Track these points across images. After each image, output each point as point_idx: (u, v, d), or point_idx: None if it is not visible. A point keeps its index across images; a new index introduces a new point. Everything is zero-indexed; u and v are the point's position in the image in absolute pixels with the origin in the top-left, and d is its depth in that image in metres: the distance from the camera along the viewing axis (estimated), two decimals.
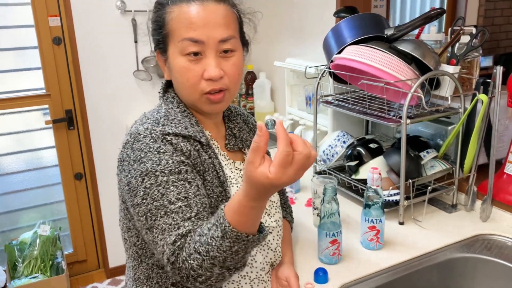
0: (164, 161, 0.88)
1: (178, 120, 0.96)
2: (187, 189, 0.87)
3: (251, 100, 2.57)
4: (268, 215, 1.05)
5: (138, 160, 0.88)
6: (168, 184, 0.87)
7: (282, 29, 2.35)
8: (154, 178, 0.87)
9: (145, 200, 0.87)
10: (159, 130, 0.91)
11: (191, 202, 0.87)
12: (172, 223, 0.84)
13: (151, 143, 0.89)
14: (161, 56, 0.99)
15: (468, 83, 1.45)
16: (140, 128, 0.92)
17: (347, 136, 1.57)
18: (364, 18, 1.46)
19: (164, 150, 0.89)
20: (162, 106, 1.00)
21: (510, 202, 1.32)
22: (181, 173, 0.88)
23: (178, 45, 0.92)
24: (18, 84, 2.54)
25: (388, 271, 1.15)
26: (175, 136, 0.92)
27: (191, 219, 0.85)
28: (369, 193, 1.20)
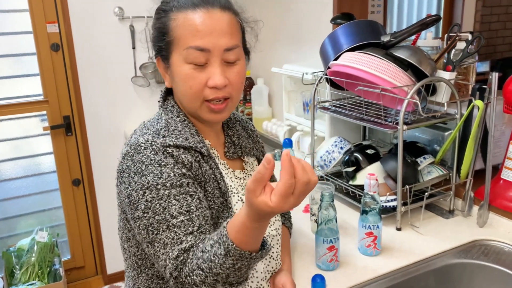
0: (166, 174, 0.87)
1: (179, 131, 0.95)
2: (189, 203, 0.87)
3: (249, 106, 2.57)
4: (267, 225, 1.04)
5: (139, 172, 0.88)
6: (169, 198, 0.86)
7: (279, 35, 2.36)
8: (155, 191, 0.86)
9: (147, 214, 0.86)
10: (160, 142, 0.90)
11: (193, 216, 0.87)
12: (174, 238, 0.84)
13: (152, 156, 0.89)
14: (162, 63, 0.98)
15: (465, 89, 1.46)
16: (141, 140, 0.91)
17: (344, 142, 1.57)
18: (360, 24, 1.47)
19: (166, 163, 0.88)
20: (162, 116, 0.99)
21: (507, 207, 1.33)
22: (183, 186, 0.88)
23: (183, 53, 0.91)
24: (16, 91, 2.54)
25: (385, 277, 1.15)
26: (176, 148, 0.91)
27: (194, 233, 0.85)
28: (366, 199, 1.20)
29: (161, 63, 0.99)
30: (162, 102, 1.02)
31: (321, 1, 1.97)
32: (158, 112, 1.02)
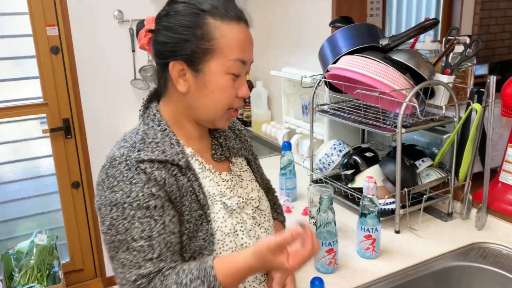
0: (134, 193, 0.87)
1: (156, 143, 0.93)
2: (152, 227, 0.87)
3: (248, 108, 2.58)
4: (258, 225, 1.04)
5: (110, 188, 0.88)
6: (133, 219, 0.87)
7: (278, 38, 2.36)
8: (121, 210, 0.87)
9: (110, 230, 0.88)
10: (134, 157, 0.89)
11: (154, 242, 0.87)
12: (132, 261, 0.86)
13: (125, 172, 0.88)
14: (184, 68, 0.93)
15: (463, 92, 1.47)
16: (117, 153, 0.91)
17: (343, 145, 1.58)
18: (359, 28, 1.48)
19: (136, 181, 0.88)
20: (140, 127, 0.97)
21: (505, 210, 1.33)
22: (149, 209, 0.88)
23: (227, 64, 0.92)
24: (15, 93, 2.54)
25: (384, 279, 1.16)
26: (150, 163, 0.90)
27: (153, 260, 0.87)
28: (365, 202, 1.20)
29: (177, 66, 0.93)
30: (143, 110, 1.01)
31: (320, 5, 1.98)
32: (139, 122, 1.01)
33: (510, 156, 1.33)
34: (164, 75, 0.98)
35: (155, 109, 1.00)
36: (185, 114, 1.00)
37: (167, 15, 0.94)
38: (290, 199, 1.58)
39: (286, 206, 1.54)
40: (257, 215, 1.05)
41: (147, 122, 0.98)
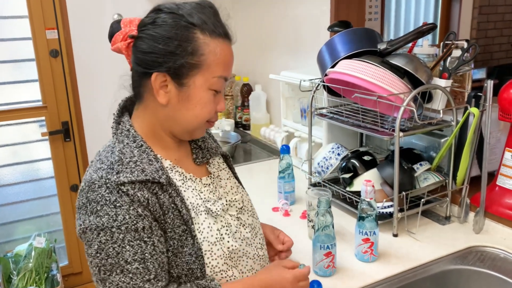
0: (121, 216, 0.86)
1: (134, 162, 0.91)
2: (143, 250, 0.87)
3: (247, 112, 2.58)
4: (242, 226, 1.04)
5: (94, 212, 0.87)
6: (124, 243, 0.86)
7: (277, 42, 2.37)
8: (110, 234, 0.86)
9: (99, 254, 0.87)
10: (114, 180, 0.88)
11: (148, 264, 0.88)
12: (130, 283, 0.86)
13: (106, 195, 0.87)
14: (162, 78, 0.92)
15: (460, 96, 1.47)
16: (94, 176, 0.89)
17: (341, 148, 1.58)
18: (357, 32, 1.48)
19: (121, 204, 0.87)
20: (115, 145, 0.95)
21: (502, 214, 1.34)
22: (138, 231, 0.87)
23: (211, 80, 0.93)
24: (15, 96, 2.54)
25: (382, 283, 1.16)
26: (131, 185, 0.88)
27: (151, 281, 0.87)
28: (363, 205, 1.21)
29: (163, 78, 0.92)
30: (116, 126, 0.99)
31: (318, 9, 1.99)
32: (112, 140, 0.98)
33: (507, 160, 1.34)
34: (142, 84, 0.95)
35: (127, 124, 0.98)
36: (161, 125, 0.98)
37: (154, 24, 0.92)
38: (288, 202, 1.59)
39: (285, 209, 1.55)
40: (241, 215, 1.05)
41: (122, 139, 0.96)
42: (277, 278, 0.97)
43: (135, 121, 1.00)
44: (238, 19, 2.75)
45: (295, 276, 0.97)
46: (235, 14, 2.76)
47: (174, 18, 0.91)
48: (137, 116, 1.00)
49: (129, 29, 0.94)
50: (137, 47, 0.93)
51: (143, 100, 0.98)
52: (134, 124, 0.99)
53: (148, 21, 0.93)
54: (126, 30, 0.94)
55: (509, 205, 1.33)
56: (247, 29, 2.65)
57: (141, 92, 0.97)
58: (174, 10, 0.92)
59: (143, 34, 0.92)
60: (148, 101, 0.97)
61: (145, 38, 0.92)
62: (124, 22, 0.96)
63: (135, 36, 0.94)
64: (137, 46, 0.93)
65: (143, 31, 0.93)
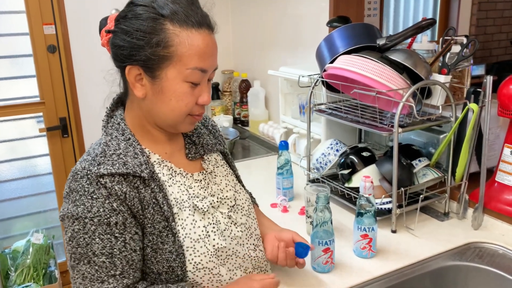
0: (95, 208, 0.88)
1: (118, 155, 0.92)
2: (112, 245, 0.88)
3: (245, 108, 2.58)
4: (233, 224, 1.03)
5: (73, 201, 0.89)
6: (94, 235, 0.88)
7: (276, 38, 2.36)
8: (82, 224, 0.88)
9: (71, 242, 0.89)
10: (94, 171, 0.89)
11: (116, 260, 0.88)
12: (95, 275, 0.88)
13: (86, 186, 0.89)
14: (136, 71, 0.92)
15: (460, 92, 1.47)
16: (78, 167, 0.92)
17: (340, 144, 1.58)
18: (356, 28, 1.48)
19: (97, 196, 0.88)
20: (102, 138, 0.97)
21: (501, 210, 1.33)
22: (110, 225, 0.88)
23: (185, 72, 0.91)
24: (12, 92, 2.53)
25: (380, 279, 1.16)
26: (110, 177, 0.89)
27: (116, 277, 0.88)
28: (362, 201, 1.20)
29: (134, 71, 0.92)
30: (107, 120, 1.00)
31: (318, 5, 1.98)
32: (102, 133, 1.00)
33: (506, 156, 1.34)
34: (123, 78, 0.98)
35: (119, 117, 0.99)
36: (146, 119, 0.98)
37: (125, 18, 0.92)
38: (287, 198, 1.58)
39: (283, 205, 1.54)
40: (233, 214, 1.04)
41: (110, 132, 0.97)
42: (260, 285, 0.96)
43: (126, 115, 1.00)
44: (237, 15, 2.74)
45: (263, 286, 0.96)
46: (234, 9, 2.75)
47: (144, 10, 0.90)
48: (127, 110, 1.01)
49: (111, 24, 0.95)
50: (112, 42, 0.94)
51: (129, 94, 0.99)
52: (126, 118, 1.00)
53: (122, 15, 0.93)
54: (109, 26, 0.95)
55: (508, 201, 1.33)
56: (246, 25, 2.64)
57: (124, 87, 1.00)
58: (146, 3, 0.91)
59: (117, 28, 0.93)
60: (132, 95, 0.97)
61: (118, 32, 0.92)
62: (110, 18, 0.97)
63: (111, 30, 0.94)
64: (112, 41, 0.94)
65: (117, 25, 0.93)
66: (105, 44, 0.97)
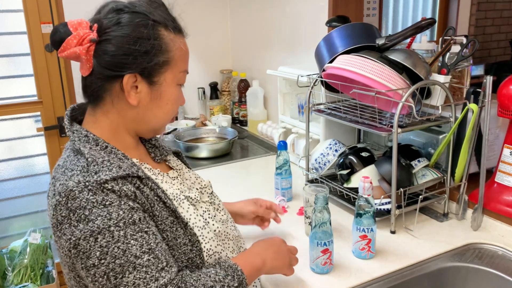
0: (115, 213, 0.82)
1: (108, 161, 0.88)
2: (148, 240, 0.84)
3: (244, 107, 2.57)
4: (217, 210, 1.07)
5: (83, 219, 0.81)
6: (127, 239, 0.82)
7: (275, 37, 2.36)
8: (109, 234, 0.81)
9: (104, 260, 0.81)
10: (94, 180, 0.83)
11: (158, 253, 0.85)
12: (146, 277, 0.82)
13: (92, 198, 0.82)
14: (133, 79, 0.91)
15: (459, 92, 1.46)
16: (70, 184, 0.83)
17: (339, 144, 1.57)
18: (355, 27, 1.47)
19: (110, 202, 0.83)
20: (80, 150, 0.90)
21: (500, 211, 1.33)
22: (136, 223, 0.84)
23: (178, 75, 0.96)
24: (10, 91, 2.52)
25: (379, 280, 1.15)
26: (114, 181, 0.85)
27: (165, 268, 0.84)
28: (361, 202, 1.20)
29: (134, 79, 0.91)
30: (72, 134, 0.94)
31: (317, 4, 1.97)
32: (71, 148, 0.93)
33: (506, 156, 1.33)
34: (106, 87, 0.92)
35: (83, 130, 0.94)
36: (125, 126, 0.97)
37: (119, 25, 0.89)
38: (285, 198, 1.58)
39: (282, 205, 1.53)
40: (213, 200, 1.08)
41: (83, 144, 0.91)
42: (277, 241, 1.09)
43: (90, 127, 0.96)
44: (236, 14, 2.73)
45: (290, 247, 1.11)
46: (233, 9, 2.75)
47: (139, 18, 0.90)
48: (92, 122, 0.96)
49: (84, 32, 0.88)
50: (103, 51, 0.89)
51: (103, 104, 0.94)
52: (91, 128, 0.95)
53: (112, 23, 0.90)
54: (81, 34, 0.88)
55: (507, 202, 1.32)
56: (245, 24, 2.64)
57: (101, 96, 0.94)
58: (135, 10, 0.91)
59: (108, 36, 0.89)
60: (109, 104, 0.94)
61: (112, 40, 0.89)
62: (72, 24, 0.90)
63: (97, 40, 0.89)
64: (104, 49, 0.89)
65: (107, 33, 0.89)
66: (82, 54, 0.89)
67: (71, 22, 0.89)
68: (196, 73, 2.76)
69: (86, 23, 0.90)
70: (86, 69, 0.91)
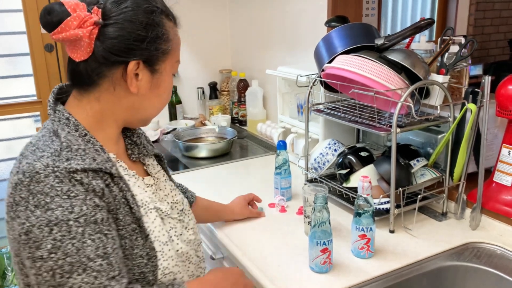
0: (78, 207, 0.77)
1: (83, 150, 0.83)
2: (105, 244, 0.79)
3: (243, 107, 2.57)
4: (185, 228, 1.02)
5: (42, 206, 0.76)
6: (84, 237, 0.77)
7: (274, 37, 2.36)
8: (66, 228, 0.76)
9: (55, 254, 0.75)
10: (64, 167, 0.78)
11: (112, 260, 0.80)
12: (95, 283, 0.77)
13: (57, 185, 0.77)
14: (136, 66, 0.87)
15: (458, 92, 1.47)
16: (38, 165, 0.78)
17: (338, 144, 1.57)
18: (354, 27, 1.48)
19: (75, 194, 0.78)
20: (58, 132, 0.85)
21: (499, 210, 1.33)
22: (97, 223, 0.79)
23: (174, 65, 0.96)
24: (9, 91, 2.53)
25: (378, 279, 1.16)
26: (84, 173, 0.80)
27: (116, 278, 0.80)
28: (360, 201, 1.20)
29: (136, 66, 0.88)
30: (53, 113, 0.89)
31: (316, 4, 1.97)
32: (48, 128, 0.87)
33: (504, 156, 1.34)
34: (104, 73, 0.87)
35: (65, 112, 0.88)
36: (115, 114, 0.92)
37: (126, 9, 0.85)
38: (285, 198, 1.58)
39: (281, 205, 1.54)
40: (183, 217, 1.03)
41: (62, 126, 0.86)
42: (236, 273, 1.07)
43: (73, 111, 0.90)
44: (235, 14, 2.73)
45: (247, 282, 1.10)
46: (232, 9, 2.75)
47: (145, 4, 0.87)
48: (77, 106, 0.90)
49: (86, 15, 0.83)
50: (109, 35, 0.84)
51: (96, 90, 0.89)
52: (76, 113, 0.89)
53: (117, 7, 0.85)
54: (82, 16, 0.82)
55: (506, 202, 1.33)
56: (244, 24, 2.64)
57: (96, 82, 0.88)
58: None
59: (115, 20, 0.84)
60: (104, 90, 0.89)
61: (120, 24, 0.84)
62: (70, 5, 0.83)
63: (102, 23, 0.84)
64: (109, 34, 0.84)
65: (112, 17, 0.84)
66: (84, 37, 0.83)
67: (68, 3, 0.83)
68: (196, 72, 2.76)
69: (83, 5, 0.84)
70: (84, 54, 0.84)
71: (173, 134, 2.30)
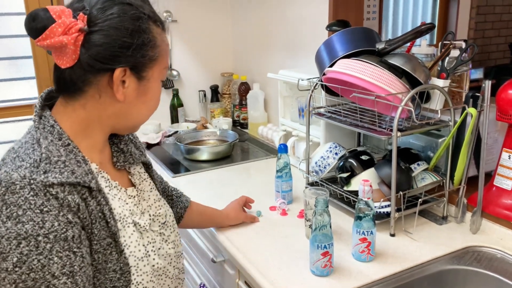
0: (49, 223, 0.76)
1: (63, 162, 0.81)
2: (72, 262, 0.78)
3: (244, 110, 2.58)
4: (165, 242, 1.01)
5: (14, 218, 0.75)
6: (51, 254, 0.76)
7: (275, 41, 2.37)
8: (34, 243, 0.75)
9: (19, 268, 0.74)
10: (41, 180, 0.77)
11: (77, 278, 0.78)
12: None
13: (31, 198, 0.76)
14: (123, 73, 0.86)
15: (458, 96, 1.47)
16: (15, 176, 0.77)
17: (339, 147, 1.58)
18: (355, 32, 1.48)
19: (49, 209, 0.76)
20: (40, 141, 0.83)
21: (499, 214, 1.34)
22: (67, 241, 0.78)
23: (162, 71, 0.95)
24: (11, 94, 2.54)
25: (379, 283, 1.16)
26: (61, 187, 0.79)
27: None
28: (360, 205, 1.21)
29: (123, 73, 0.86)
30: (38, 120, 0.87)
31: (317, 8, 1.98)
32: (32, 134, 0.86)
33: (504, 160, 1.34)
34: (89, 80, 0.86)
35: (51, 119, 0.87)
36: (101, 121, 0.91)
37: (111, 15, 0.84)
38: (286, 201, 1.59)
39: (282, 208, 1.54)
40: (164, 231, 1.02)
41: (45, 135, 0.85)
42: None
43: (59, 117, 0.89)
44: (237, 17, 2.74)
45: None
46: (234, 12, 2.76)
47: (132, 10, 0.86)
48: (63, 112, 0.89)
49: (70, 21, 0.81)
50: (94, 42, 0.83)
51: (82, 97, 0.88)
52: (61, 120, 0.88)
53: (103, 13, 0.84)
54: (67, 22, 0.80)
55: (506, 206, 1.33)
56: (246, 27, 2.65)
57: (81, 89, 0.87)
58: (124, 1, 0.86)
59: (100, 27, 0.83)
60: (90, 98, 0.88)
61: (105, 31, 0.83)
62: (55, 11, 0.82)
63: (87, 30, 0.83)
64: (95, 41, 0.83)
65: (98, 24, 0.83)
66: (69, 44, 0.81)
67: (52, 9, 0.82)
68: (197, 76, 2.77)
69: (68, 11, 0.83)
70: (69, 61, 0.83)
71: (174, 137, 2.31)
